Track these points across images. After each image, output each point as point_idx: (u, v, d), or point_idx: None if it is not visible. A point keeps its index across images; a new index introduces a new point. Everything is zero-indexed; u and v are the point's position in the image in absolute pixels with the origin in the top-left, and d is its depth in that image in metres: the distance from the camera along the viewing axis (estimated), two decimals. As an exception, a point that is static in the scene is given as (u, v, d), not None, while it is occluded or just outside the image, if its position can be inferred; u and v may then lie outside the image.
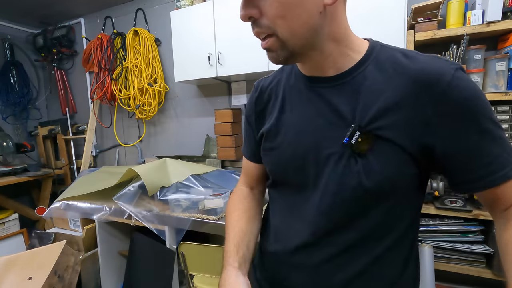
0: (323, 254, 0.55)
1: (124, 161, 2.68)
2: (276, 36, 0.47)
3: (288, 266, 0.60)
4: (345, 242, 0.53)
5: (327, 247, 0.55)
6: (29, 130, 2.95)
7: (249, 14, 0.46)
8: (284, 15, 0.44)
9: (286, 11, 0.44)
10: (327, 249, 0.55)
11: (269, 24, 0.46)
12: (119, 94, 2.32)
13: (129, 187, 1.57)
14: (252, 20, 0.47)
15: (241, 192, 0.75)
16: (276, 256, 0.64)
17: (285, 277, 0.61)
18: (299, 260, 0.58)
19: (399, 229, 0.53)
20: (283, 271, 0.62)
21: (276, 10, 0.44)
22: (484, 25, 1.28)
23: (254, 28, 0.48)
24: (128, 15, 2.44)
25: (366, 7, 1.37)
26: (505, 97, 1.27)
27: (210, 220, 1.33)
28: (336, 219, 0.53)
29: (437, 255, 1.39)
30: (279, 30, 0.46)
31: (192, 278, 1.42)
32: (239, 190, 0.76)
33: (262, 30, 0.47)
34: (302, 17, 0.45)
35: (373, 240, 0.53)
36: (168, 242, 1.46)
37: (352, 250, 0.53)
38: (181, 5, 1.90)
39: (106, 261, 1.79)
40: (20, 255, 1.33)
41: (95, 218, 1.63)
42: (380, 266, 0.54)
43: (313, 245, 0.56)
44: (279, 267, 0.63)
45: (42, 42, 2.82)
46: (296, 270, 0.59)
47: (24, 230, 2.40)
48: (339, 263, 0.54)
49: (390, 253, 0.54)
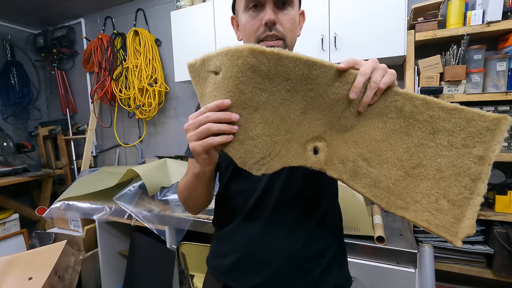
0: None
1: (125, 161, 2.68)
2: (284, 41, 0.62)
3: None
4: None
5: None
6: (29, 130, 2.95)
7: (275, 19, 0.60)
8: (292, 30, 0.63)
9: (293, 27, 0.64)
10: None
11: (283, 32, 0.61)
12: (120, 94, 2.32)
13: (130, 187, 1.57)
14: (272, 24, 0.60)
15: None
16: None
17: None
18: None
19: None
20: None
21: (290, 25, 0.63)
22: (484, 25, 1.28)
23: (271, 30, 0.61)
24: (128, 15, 2.44)
25: (366, 7, 1.37)
26: (505, 97, 1.27)
27: (210, 220, 1.33)
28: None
29: (437, 255, 1.39)
30: (287, 38, 0.62)
31: (193, 278, 1.42)
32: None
33: (277, 34, 0.61)
34: (296, 32, 0.66)
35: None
36: (168, 242, 1.46)
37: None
38: (181, 5, 1.90)
39: (106, 261, 1.79)
40: (20, 255, 1.33)
41: (96, 218, 1.64)
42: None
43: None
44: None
45: (43, 43, 2.82)
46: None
47: (25, 230, 2.40)
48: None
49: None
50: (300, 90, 0.46)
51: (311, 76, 0.45)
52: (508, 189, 1.31)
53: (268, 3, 0.60)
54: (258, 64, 0.42)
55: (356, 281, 1.05)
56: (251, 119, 0.45)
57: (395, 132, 0.47)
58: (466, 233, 0.44)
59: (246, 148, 0.45)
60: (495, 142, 0.43)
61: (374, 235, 1.07)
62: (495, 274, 1.30)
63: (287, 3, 0.62)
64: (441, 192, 0.46)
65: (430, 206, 0.46)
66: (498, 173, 1.31)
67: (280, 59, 0.43)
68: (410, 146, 0.47)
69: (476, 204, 0.44)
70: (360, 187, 0.49)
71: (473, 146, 0.44)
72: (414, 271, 1.00)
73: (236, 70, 0.42)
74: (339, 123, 0.48)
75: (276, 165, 0.48)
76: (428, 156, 0.46)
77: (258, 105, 0.45)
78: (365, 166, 0.48)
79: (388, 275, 1.03)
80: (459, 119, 0.44)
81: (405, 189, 0.47)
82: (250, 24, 0.62)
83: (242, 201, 0.68)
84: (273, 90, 0.45)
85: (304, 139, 0.48)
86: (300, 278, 0.66)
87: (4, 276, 1.23)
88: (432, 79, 1.36)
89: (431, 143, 0.46)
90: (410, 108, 0.45)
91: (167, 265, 1.46)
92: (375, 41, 1.38)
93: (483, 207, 1.34)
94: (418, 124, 0.46)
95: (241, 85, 0.43)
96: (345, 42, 1.43)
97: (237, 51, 0.42)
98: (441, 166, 0.46)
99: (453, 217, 0.45)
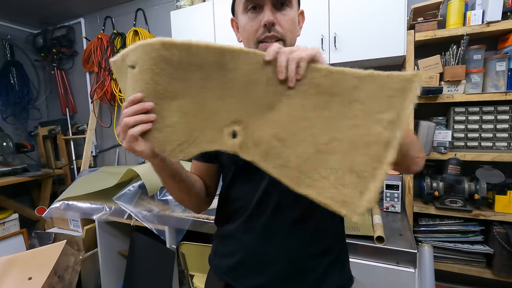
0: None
1: (124, 161, 2.68)
2: (284, 41, 0.62)
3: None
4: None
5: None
6: (29, 130, 2.95)
7: (273, 21, 0.60)
8: (292, 30, 0.64)
9: (293, 27, 0.64)
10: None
11: (282, 32, 0.62)
12: (119, 94, 2.32)
13: (129, 187, 1.57)
14: (271, 25, 0.60)
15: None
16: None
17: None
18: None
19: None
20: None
21: (290, 25, 0.63)
22: (484, 25, 1.28)
23: (270, 31, 0.61)
24: (128, 15, 2.44)
25: (366, 7, 1.37)
26: (505, 97, 1.27)
27: (210, 220, 1.33)
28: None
29: (437, 255, 1.39)
30: (287, 39, 0.62)
31: (192, 278, 1.42)
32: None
33: (277, 35, 0.61)
34: (295, 33, 0.66)
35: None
36: (168, 242, 1.46)
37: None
38: (181, 5, 1.90)
39: (106, 261, 1.79)
40: (20, 255, 1.33)
41: (95, 218, 1.63)
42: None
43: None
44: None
45: (42, 42, 2.82)
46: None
47: (24, 230, 2.40)
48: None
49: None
50: (215, 77, 0.47)
51: (222, 62, 0.46)
52: (507, 189, 1.31)
53: (266, 4, 0.60)
54: (170, 55, 0.45)
55: (356, 281, 1.04)
56: (168, 108, 0.47)
57: (314, 109, 0.46)
58: (366, 206, 0.42)
59: (164, 135, 0.47)
60: (406, 102, 0.40)
61: (373, 235, 1.07)
62: (495, 274, 1.30)
63: (285, 3, 0.62)
64: (349, 165, 0.43)
65: (337, 182, 0.44)
66: (497, 173, 1.31)
67: (191, 49, 0.45)
68: (326, 121, 0.45)
69: (382, 174, 0.41)
70: (271, 168, 0.48)
71: (385, 111, 0.41)
72: (414, 271, 1.00)
73: (150, 63, 0.45)
74: (258, 106, 0.48)
75: (194, 151, 0.49)
76: (344, 129, 0.44)
77: (174, 94, 0.47)
78: (279, 146, 0.47)
79: (388, 275, 1.03)
80: (373, 86, 0.42)
81: (314, 166, 0.45)
82: (249, 25, 0.63)
83: (244, 202, 0.68)
84: (188, 79, 0.47)
85: (222, 124, 0.49)
86: (302, 279, 0.66)
87: (4, 276, 1.23)
88: (432, 79, 1.36)
89: (347, 115, 0.44)
90: (328, 82, 0.44)
91: (167, 265, 1.46)
92: (375, 41, 1.38)
93: (482, 207, 1.35)
94: (335, 98, 0.44)
95: (155, 76, 0.45)
96: (345, 42, 1.43)
97: (149, 45, 0.44)
98: (354, 138, 0.43)
99: (357, 191, 0.42)
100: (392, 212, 1.39)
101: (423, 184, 1.45)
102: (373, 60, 1.45)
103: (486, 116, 1.35)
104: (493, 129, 1.35)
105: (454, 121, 1.40)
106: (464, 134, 1.39)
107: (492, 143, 1.35)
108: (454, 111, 1.40)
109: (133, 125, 0.46)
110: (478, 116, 1.36)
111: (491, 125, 1.35)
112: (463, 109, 1.38)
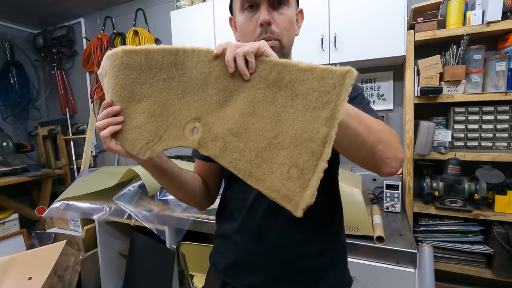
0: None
1: (124, 161, 2.68)
2: (280, 41, 0.62)
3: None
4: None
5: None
6: (29, 130, 2.95)
7: (269, 20, 0.60)
8: (289, 29, 0.63)
9: (290, 26, 0.63)
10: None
11: (278, 32, 0.61)
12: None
13: (129, 187, 1.57)
14: (267, 25, 0.60)
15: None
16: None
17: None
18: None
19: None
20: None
21: (287, 24, 0.62)
22: (484, 25, 1.28)
23: (266, 32, 0.61)
24: (128, 15, 2.44)
25: (366, 7, 1.37)
26: (505, 97, 1.27)
27: (210, 220, 1.33)
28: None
29: (437, 255, 1.39)
30: (283, 38, 0.62)
31: (192, 278, 1.42)
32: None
33: (273, 35, 0.61)
34: (293, 32, 0.66)
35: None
36: (168, 242, 1.46)
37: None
38: (181, 5, 1.90)
39: (106, 261, 1.79)
40: (20, 255, 1.33)
41: (95, 218, 1.63)
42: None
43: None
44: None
45: (42, 42, 2.82)
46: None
47: (24, 230, 2.40)
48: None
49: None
50: (174, 77, 0.50)
51: (178, 62, 0.49)
52: (507, 189, 1.31)
53: (263, 3, 0.60)
54: (132, 61, 0.48)
55: (355, 281, 1.05)
56: (136, 110, 0.51)
57: (262, 103, 0.46)
58: (307, 202, 0.42)
59: (133, 136, 0.51)
60: (340, 100, 0.40)
61: (373, 235, 1.07)
62: (495, 274, 1.30)
63: (282, 2, 0.61)
64: (294, 160, 0.44)
65: (282, 176, 0.45)
66: (497, 173, 1.31)
67: (149, 53, 0.48)
68: (274, 115, 0.46)
69: (320, 171, 0.41)
70: (227, 163, 0.49)
71: (322, 108, 0.41)
72: (414, 271, 1.00)
73: (115, 70, 0.49)
74: (215, 102, 0.50)
75: (159, 148, 0.52)
76: (288, 123, 0.44)
77: (140, 97, 0.51)
78: (234, 141, 0.48)
79: (388, 275, 1.03)
80: (312, 80, 0.42)
81: (265, 161, 0.46)
82: (246, 25, 0.63)
83: (239, 203, 0.69)
84: (151, 81, 0.50)
85: (184, 121, 0.51)
86: (296, 279, 0.66)
87: (4, 276, 1.23)
88: (432, 79, 1.36)
89: (290, 109, 0.44)
90: (274, 75, 0.45)
91: (167, 265, 1.46)
92: (375, 41, 1.38)
93: (482, 207, 1.35)
94: (280, 92, 0.45)
95: (121, 82, 0.49)
96: (345, 42, 1.43)
97: (114, 54, 0.48)
98: (296, 133, 0.44)
99: (299, 186, 0.43)
100: (392, 212, 1.39)
101: (423, 184, 1.45)
102: (373, 60, 1.45)
103: (486, 116, 1.35)
104: (493, 129, 1.35)
105: (454, 121, 1.40)
106: (464, 134, 1.39)
107: (492, 143, 1.35)
108: (454, 111, 1.40)
109: (104, 128, 0.50)
110: (478, 116, 1.36)
111: (491, 125, 1.35)
112: (463, 109, 1.38)
